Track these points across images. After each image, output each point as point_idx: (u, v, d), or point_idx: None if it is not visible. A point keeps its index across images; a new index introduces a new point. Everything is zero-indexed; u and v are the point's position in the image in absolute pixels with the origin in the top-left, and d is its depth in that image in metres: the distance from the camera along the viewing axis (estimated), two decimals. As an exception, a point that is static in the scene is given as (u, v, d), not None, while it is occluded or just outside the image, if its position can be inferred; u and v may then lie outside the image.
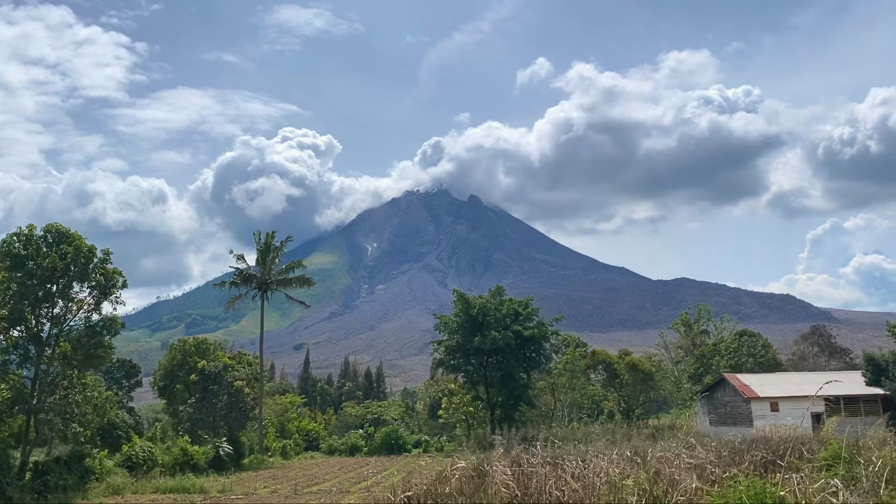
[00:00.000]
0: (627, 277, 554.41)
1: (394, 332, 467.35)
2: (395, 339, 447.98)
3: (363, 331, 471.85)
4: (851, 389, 48.26)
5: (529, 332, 54.40)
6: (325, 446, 57.41)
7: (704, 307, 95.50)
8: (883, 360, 48.24)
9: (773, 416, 46.30)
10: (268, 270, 52.42)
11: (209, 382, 43.42)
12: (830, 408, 47.42)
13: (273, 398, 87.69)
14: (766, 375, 53.32)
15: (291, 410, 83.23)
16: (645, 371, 55.92)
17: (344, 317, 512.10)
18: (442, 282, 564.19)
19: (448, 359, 56.60)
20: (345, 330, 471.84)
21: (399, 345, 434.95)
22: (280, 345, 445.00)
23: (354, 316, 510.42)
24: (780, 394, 47.62)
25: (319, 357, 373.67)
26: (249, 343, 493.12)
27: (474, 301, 56.68)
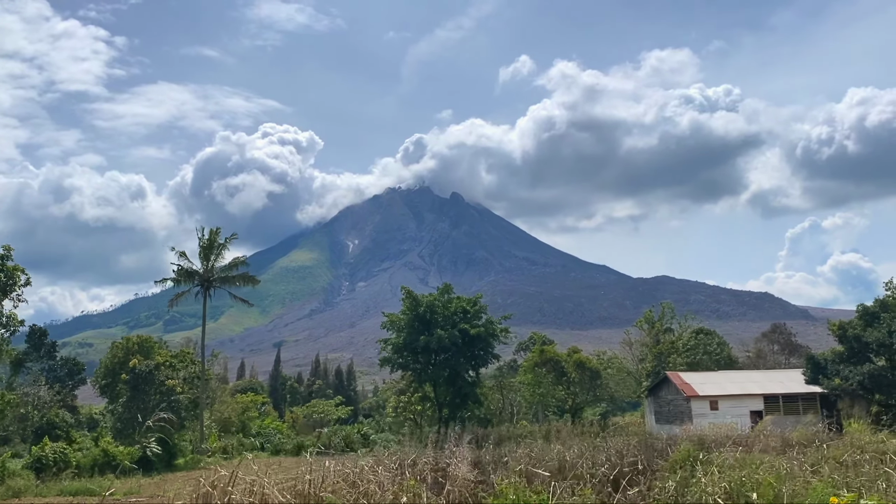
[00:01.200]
0: (608, 275, 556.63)
1: (374, 330, 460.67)
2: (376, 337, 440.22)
3: (343, 328, 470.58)
4: (790, 388, 48.43)
5: (476, 330, 53.96)
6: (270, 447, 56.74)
7: (668, 305, 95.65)
8: (822, 359, 48.39)
9: (713, 415, 46.28)
10: (210, 268, 51.57)
11: (140, 381, 42.64)
12: (770, 406, 47.53)
13: (234, 397, 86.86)
14: (709, 374, 53.37)
15: (253, 409, 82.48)
16: (592, 369, 55.71)
17: (324, 314, 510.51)
18: (423, 279, 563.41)
19: (395, 357, 56.10)
20: (325, 327, 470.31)
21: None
22: (259, 342, 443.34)
23: (335, 313, 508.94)
24: (720, 392, 47.65)
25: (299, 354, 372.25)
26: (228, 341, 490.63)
27: (423, 299, 56.18)
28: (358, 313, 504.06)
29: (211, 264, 51.50)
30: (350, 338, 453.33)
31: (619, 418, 56.15)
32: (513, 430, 51.28)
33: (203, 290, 51.72)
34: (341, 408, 68.50)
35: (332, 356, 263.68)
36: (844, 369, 46.31)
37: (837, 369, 46.76)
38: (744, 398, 47.17)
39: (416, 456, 37.25)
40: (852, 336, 47.02)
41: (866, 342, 46.06)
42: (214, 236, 51.99)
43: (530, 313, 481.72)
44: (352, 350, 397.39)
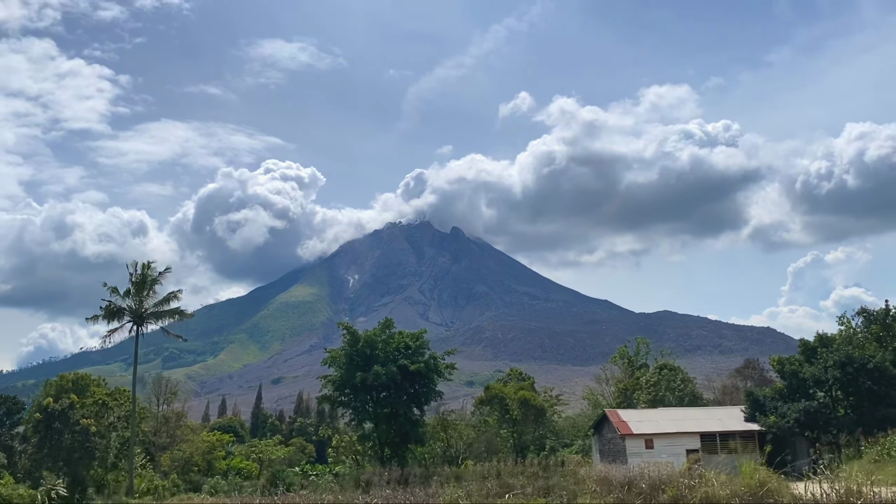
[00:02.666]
0: (610, 310, 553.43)
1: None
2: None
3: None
4: (728, 425, 47.04)
5: (416, 366, 52.87)
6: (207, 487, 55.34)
7: (643, 340, 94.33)
8: (761, 396, 47.05)
9: (648, 454, 44.87)
10: (141, 303, 50.84)
11: (52, 421, 41.62)
12: (706, 444, 46.12)
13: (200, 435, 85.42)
14: (649, 411, 52.04)
15: (219, 448, 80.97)
16: (537, 407, 54.37)
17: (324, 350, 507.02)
18: (424, 314, 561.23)
19: (336, 395, 54.97)
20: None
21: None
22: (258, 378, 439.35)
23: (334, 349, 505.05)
24: (655, 430, 46.25)
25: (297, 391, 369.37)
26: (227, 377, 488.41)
27: (362, 334, 55.26)
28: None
29: (143, 300, 50.68)
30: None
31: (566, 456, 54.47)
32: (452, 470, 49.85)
33: (136, 326, 50.86)
34: (281, 448, 66.99)
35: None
36: (783, 406, 45.00)
37: (775, 406, 45.45)
38: (679, 436, 45.79)
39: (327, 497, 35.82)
40: (789, 372, 45.81)
41: (803, 378, 44.84)
42: (147, 271, 51.34)
43: (531, 349, 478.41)
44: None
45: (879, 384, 42.88)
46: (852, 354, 43.34)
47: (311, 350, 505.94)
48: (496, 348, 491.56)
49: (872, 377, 42.90)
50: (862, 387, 42.96)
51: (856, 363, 43.06)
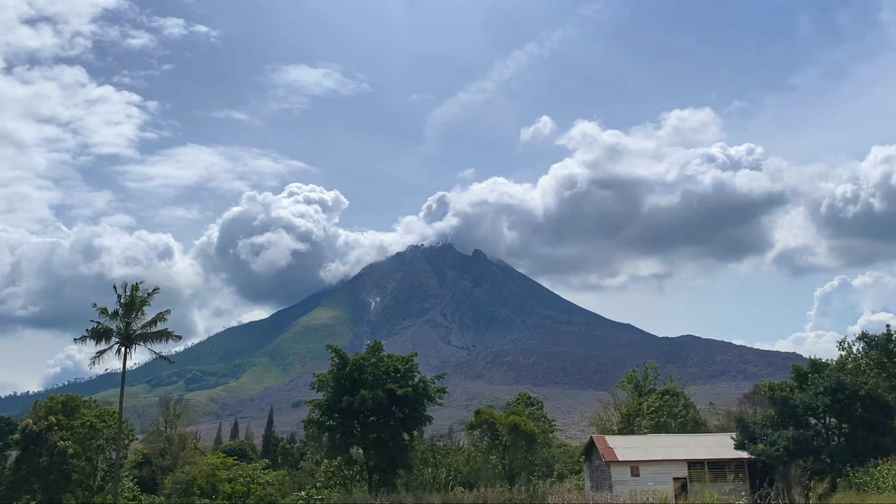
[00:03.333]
0: (633, 334, 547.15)
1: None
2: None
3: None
4: (717, 453, 45.73)
5: (404, 390, 52.31)
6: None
7: (651, 365, 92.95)
8: (752, 423, 45.73)
9: (634, 482, 43.84)
10: (128, 325, 50.98)
11: (30, 443, 41.69)
12: (694, 472, 44.88)
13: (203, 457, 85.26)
14: (638, 438, 50.91)
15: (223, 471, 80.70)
16: (528, 432, 53.37)
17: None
18: (445, 337, 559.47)
19: (324, 419, 54.52)
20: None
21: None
22: (280, 401, 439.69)
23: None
24: (642, 458, 45.12)
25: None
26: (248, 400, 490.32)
27: (350, 358, 54.90)
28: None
29: (130, 321, 50.83)
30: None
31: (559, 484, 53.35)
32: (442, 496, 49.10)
33: (123, 348, 51.00)
34: (268, 472, 66.36)
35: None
36: (773, 434, 43.69)
37: (766, 434, 44.14)
38: (666, 464, 44.64)
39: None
40: (780, 399, 44.54)
41: (794, 405, 43.54)
42: (135, 292, 51.55)
43: (553, 373, 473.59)
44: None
45: (871, 411, 41.48)
46: (843, 381, 42.01)
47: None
48: (518, 372, 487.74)
49: (864, 404, 41.51)
50: (853, 414, 41.56)
51: (847, 390, 41.72)
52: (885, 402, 41.90)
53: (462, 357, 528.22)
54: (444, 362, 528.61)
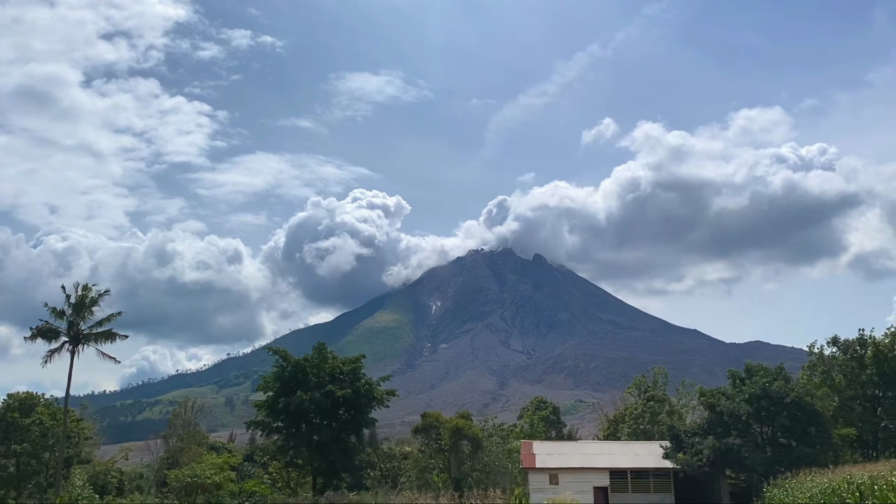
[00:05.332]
0: (699, 340, 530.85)
1: (453, 392, 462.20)
2: (455, 400, 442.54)
3: (424, 390, 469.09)
4: (642, 462, 43.47)
5: (343, 392, 51.92)
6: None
7: (660, 370, 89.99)
8: (683, 432, 43.24)
9: (553, 490, 42.13)
10: (77, 325, 52.37)
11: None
12: (616, 482, 42.82)
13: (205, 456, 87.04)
14: (566, 444, 49.12)
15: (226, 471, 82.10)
16: (471, 437, 52.05)
17: (406, 375, 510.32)
18: (505, 342, 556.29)
19: (270, 421, 54.59)
20: (405, 389, 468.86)
21: (458, 405, 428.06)
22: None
23: (416, 375, 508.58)
24: (562, 465, 43.31)
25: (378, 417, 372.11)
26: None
27: (292, 360, 54.88)
28: (438, 375, 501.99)
29: (78, 321, 52.17)
30: (429, 400, 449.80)
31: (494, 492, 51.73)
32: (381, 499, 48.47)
33: (72, 347, 52.36)
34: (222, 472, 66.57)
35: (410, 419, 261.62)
36: (700, 442, 41.27)
37: (693, 442, 41.72)
38: (587, 472, 42.76)
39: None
40: (708, 405, 42.05)
41: (720, 412, 41.03)
42: (87, 292, 52.89)
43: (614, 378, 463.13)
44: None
45: (797, 420, 38.71)
46: (769, 388, 39.29)
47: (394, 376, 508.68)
48: (578, 377, 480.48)
49: (790, 413, 38.74)
50: (777, 423, 38.83)
51: (772, 397, 39.01)
52: (814, 411, 39.03)
53: (522, 361, 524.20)
54: (505, 366, 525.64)
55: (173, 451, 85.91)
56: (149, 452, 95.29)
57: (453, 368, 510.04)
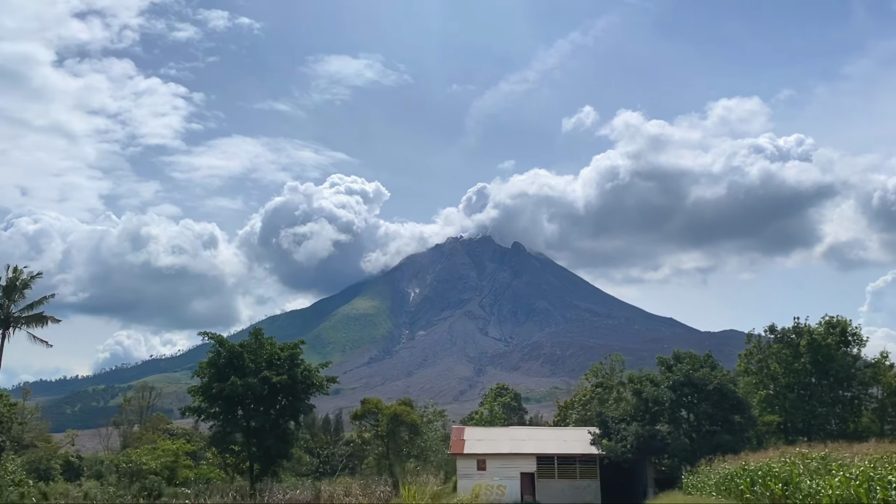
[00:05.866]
0: (674, 328, 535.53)
1: (431, 379, 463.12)
2: (432, 387, 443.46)
3: (401, 377, 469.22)
4: (569, 448, 43.42)
5: (279, 378, 51.26)
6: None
7: (618, 357, 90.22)
8: (610, 419, 43.18)
9: (480, 475, 41.92)
10: (7, 307, 51.29)
11: None
12: (543, 468, 42.72)
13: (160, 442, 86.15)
14: (497, 430, 49.08)
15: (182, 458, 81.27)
16: (409, 423, 51.80)
17: (383, 362, 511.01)
18: (483, 329, 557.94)
19: (207, 406, 53.88)
20: (382, 375, 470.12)
21: (434, 392, 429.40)
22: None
23: (393, 362, 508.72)
24: (489, 451, 43.13)
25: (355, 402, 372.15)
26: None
27: (230, 345, 54.11)
28: (416, 362, 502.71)
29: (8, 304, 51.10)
30: (406, 387, 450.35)
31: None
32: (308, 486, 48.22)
33: (1, 330, 51.28)
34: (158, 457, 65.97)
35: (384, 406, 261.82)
36: (625, 429, 41.21)
37: (619, 429, 41.66)
38: (514, 458, 42.59)
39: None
40: (633, 391, 41.99)
41: (645, 399, 40.97)
42: (18, 275, 51.80)
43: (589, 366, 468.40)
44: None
45: (720, 407, 38.71)
46: (693, 375, 39.25)
47: (371, 362, 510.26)
48: (554, 365, 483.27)
49: (712, 400, 38.73)
50: (699, 410, 38.84)
51: (696, 384, 38.98)
52: (737, 399, 39.05)
53: (499, 349, 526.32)
54: (482, 354, 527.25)
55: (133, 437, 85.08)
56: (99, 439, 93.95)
57: (431, 355, 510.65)
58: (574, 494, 40.91)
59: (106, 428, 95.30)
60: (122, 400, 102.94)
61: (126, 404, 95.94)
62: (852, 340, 49.71)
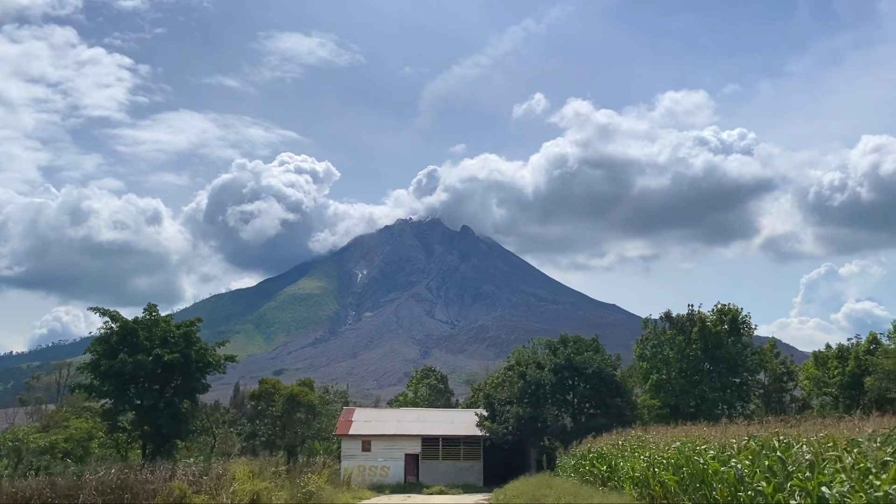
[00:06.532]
0: (617, 314, 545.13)
1: (376, 361, 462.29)
2: (377, 368, 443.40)
3: (346, 358, 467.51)
4: (456, 430, 43.58)
5: (170, 356, 50.06)
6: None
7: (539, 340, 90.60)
8: (497, 401, 43.41)
9: (364, 457, 41.73)
10: None
11: None
12: (428, 449, 42.75)
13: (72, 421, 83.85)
14: (389, 411, 49.31)
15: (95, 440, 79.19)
16: (306, 404, 51.25)
17: (328, 343, 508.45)
18: (430, 311, 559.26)
19: (98, 384, 52.40)
20: (327, 356, 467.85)
21: (379, 374, 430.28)
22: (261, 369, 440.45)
23: (339, 343, 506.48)
24: (374, 431, 42.96)
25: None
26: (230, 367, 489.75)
27: (123, 320, 52.63)
28: (362, 344, 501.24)
29: None
30: (351, 368, 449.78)
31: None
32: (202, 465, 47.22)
33: None
34: (43, 435, 64.49)
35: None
36: (508, 411, 41.44)
37: (503, 411, 41.89)
38: (400, 439, 42.50)
39: None
40: (518, 374, 42.21)
41: (528, 381, 41.23)
42: None
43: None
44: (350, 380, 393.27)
45: (598, 391, 39.18)
46: (573, 358, 39.61)
47: (316, 343, 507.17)
48: (499, 348, 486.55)
49: (591, 383, 39.17)
50: (578, 392, 39.26)
51: (576, 367, 39.35)
52: (615, 382, 39.59)
53: (445, 331, 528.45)
54: (428, 336, 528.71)
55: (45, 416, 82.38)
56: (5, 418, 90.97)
57: (377, 337, 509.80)
58: (457, 475, 41.08)
59: (13, 408, 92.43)
60: (31, 378, 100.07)
61: (34, 381, 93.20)
62: (742, 329, 51.02)
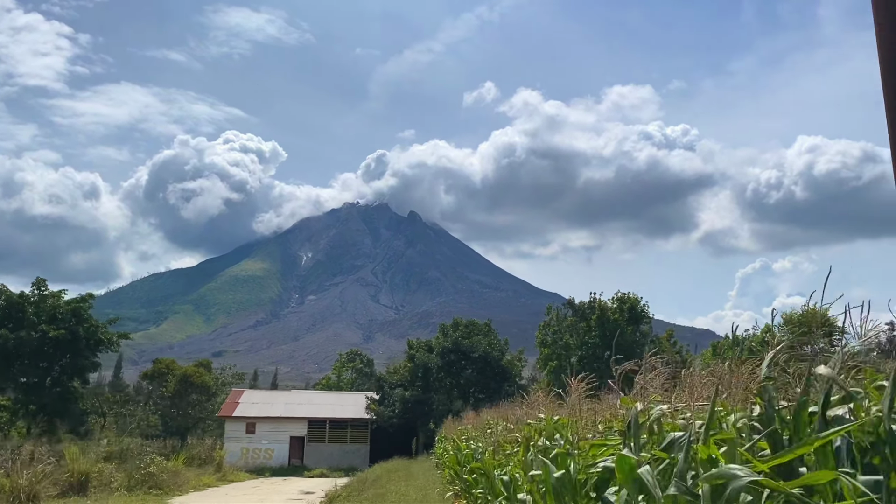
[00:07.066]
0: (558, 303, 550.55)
1: (318, 345, 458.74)
2: (318, 352, 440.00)
3: (287, 341, 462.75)
4: (344, 412, 43.04)
5: (56, 333, 48.13)
6: None
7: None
8: (387, 384, 42.97)
9: (248, 439, 40.79)
10: None
11: None
12: (314, 432, 42.07)
13: None
14: (280, 393, 48.73)
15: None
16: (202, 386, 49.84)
17: (270, 326, 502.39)
18: (375, 296, 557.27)
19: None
20: (268, 339, 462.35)
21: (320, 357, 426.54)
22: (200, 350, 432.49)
23: (280, 326, 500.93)
24: (259, 413, 42.09)
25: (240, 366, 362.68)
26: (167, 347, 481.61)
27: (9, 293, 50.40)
28: (304, 327, 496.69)
29: None
30: (292, 351, 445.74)
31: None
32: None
33: None
34: None
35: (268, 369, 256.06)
36: (396, 394, 41.02)
37: (392, 394, 41.45)
38: (286, 421, 41.77)
39: None
40: (408, 357, 41.83)
41: (418, 365, 40.85)
42: None
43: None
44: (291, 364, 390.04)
45: (484, 374, 39.05)
46: (460, 342, 39.37)
47: (257, 325, 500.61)
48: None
49: (477, 367, 38.98)
50: (464, 376, 39.05)
51: (463, 351, 39.12)
52: (500, 367, 39.54)
53: (389, 316, 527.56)
54: (371, 320, 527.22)
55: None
56: None
57: (320, 320, 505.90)
58: (342, 458, 40.59)
59: None
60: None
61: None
62: (641, 317, 51.64)
